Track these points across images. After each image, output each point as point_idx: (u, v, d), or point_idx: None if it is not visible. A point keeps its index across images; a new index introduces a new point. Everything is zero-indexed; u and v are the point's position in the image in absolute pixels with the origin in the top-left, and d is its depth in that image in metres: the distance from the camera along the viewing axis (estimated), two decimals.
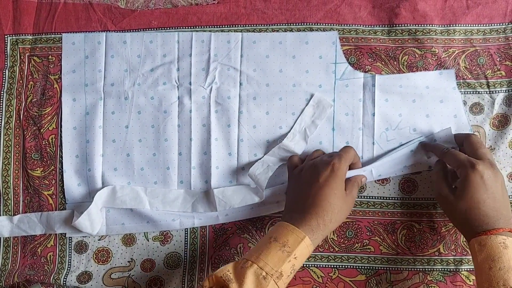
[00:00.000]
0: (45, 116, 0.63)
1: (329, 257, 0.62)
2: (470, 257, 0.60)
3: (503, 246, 0.48)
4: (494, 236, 0.49)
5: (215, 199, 0.60)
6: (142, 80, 0.63)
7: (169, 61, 0.63)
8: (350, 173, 0.57)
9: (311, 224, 0.51)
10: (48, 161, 0.63)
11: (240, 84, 0.63)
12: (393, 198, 0.62)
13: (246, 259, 0.48)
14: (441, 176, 0.56)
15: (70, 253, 0.62)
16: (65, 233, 0.62)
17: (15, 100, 0.63)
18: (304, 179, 0.55)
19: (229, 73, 0.63)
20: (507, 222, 0.51)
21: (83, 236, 0.62)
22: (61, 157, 0.62)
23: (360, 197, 0.62)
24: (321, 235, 0.51)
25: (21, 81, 0.63)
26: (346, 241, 0.62)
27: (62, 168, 0.62)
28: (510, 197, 0.60)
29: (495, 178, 0.52)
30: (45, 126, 0.63)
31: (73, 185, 0.62)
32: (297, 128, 0.62)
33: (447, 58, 0.62)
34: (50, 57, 0.63)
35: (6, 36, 0.64)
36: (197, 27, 0.63)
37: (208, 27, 0.63)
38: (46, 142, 0.63)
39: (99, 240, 0.62)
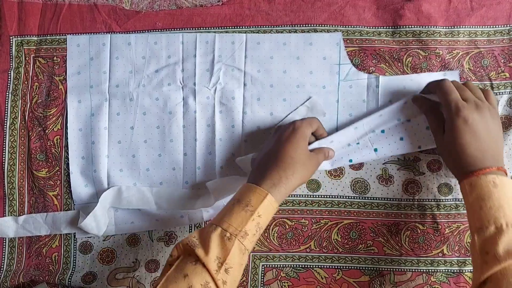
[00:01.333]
0: (50, 117, 0.63)
1: (333, 258, 0.62)
2: None
3: (493, 185, 0.49)
4: (484, 176, 0.50)
5: (210, 191, 0.60)
6: (147, 81, 0.63)
7: (174, 62, 0.63)
8: (320, 143, 0.58)
9: (272, 179, 0.51)
10: (53, 162, 0.63)
11: (244, 84, 0.63)
12: (397, 200, 0.62)
13: (211, 223, 0.49)
14: (432, 115, 0.57)
15: (74, 254, 0.62)
16: (70, 234, 0.63)
17: (20, 101, 0.63)
18: (267, 144, 0.56)
19: (233, 74, 0.63)
20: (495, 161, 0.51)
21: (88, 237, 0.63)
22: (66, 158, 0.63)
23: (364, 198, 0.62)
24: (284, 190, 0.51)
25: (26, 82, 0.63)
26: (350, 242, 0.62)
27: (68, 169, 0.62)
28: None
29: (481, 120, 0.52)
30: (50, 127, 0.63)
31: (80, 186, 0.62)
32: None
33: (451, 60, 0.62)
34: (55, 58, 0.64)
35: (11, 37, 0.64)
36: (201, 28, 0.63)
37: (212, 28, 0.63)
38: (51, 143, 0.63)
39: (103, 240, 0.63)
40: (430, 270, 0.61)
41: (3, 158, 0.63)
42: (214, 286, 0.46)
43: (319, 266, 0.62)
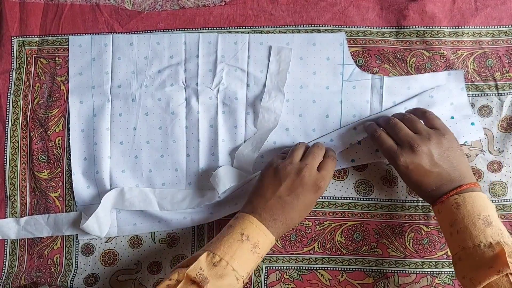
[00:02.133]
0: (52, 118, 0.63)
1: (337, 260, 0.61)
2: None
3: (455, 207, 0.49)
4: (447, 200, 0.50)
5: (214, 185, 0.59)
6: (149, 81, 0.63)
7: (176, 62, 0.63)
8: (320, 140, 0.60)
9: (278, 231, 0.52)
10: (55, 163, 0.62)
11: (247, 85, 0.62)
12: (401, 201, 0.61)
13: (219, 257, 0.48)
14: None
15: (77, 255, 0.62)
16: (72, 235, 0.62)
17: (21, 102, 0.63)
18: (285, 184, 0.53)
19: (236, 74, 0.62)
20: (455, 182, 0.51)
21: (90, 238, 0.62)
22: (68, 159, 0.62)
23: (367, 199, 0.62)
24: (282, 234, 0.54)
25: (27, 83, 0.63)
26: (354, 244, 0.61)
27: (70, 170, 0.62)
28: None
29: (420, 159, 0.51)
30: (52, 128, 0.63)
31: (82, 188, 0.62)
32: (270, 85, 0.61)
33: (455, 60, 0.61)
34: (56, 58, 0.63)
35: (12, 38, 0.63)
36: (204, 28, 0.63)
37: (215, 28, 0.63)
38: (53, 144, 0.62)
39: (105, 242, 0.62)
40: (434, 272, 0.61)
41: (5, 159, 0.62)
42: None
43: (323, 268, 0.62)
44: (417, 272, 0.61)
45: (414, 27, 0.61)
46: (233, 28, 0.63)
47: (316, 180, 0.54)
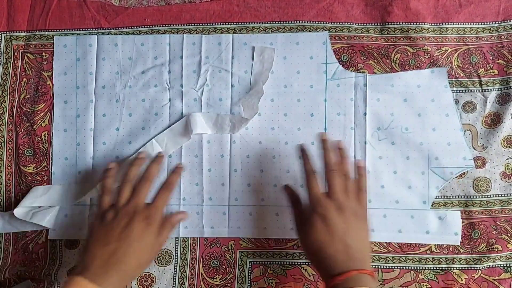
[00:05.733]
0: (38, 112, 0.63)
1: None
2: (462, 255, 0.60)
3: None
4: (349, 279, 0.46)
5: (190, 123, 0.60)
6: (133, 82, 0.63)
7: (160, 63, 0.63)
8: None
9: (117, 283, 0.48)
10: (41, 158, 0.63)
11: (232, 85, 0.62)
12: None
13: None
14: (297, 209, 0.55)
15: (61, 249, 0.62)
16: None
17: (8, 96, 0.63)
18: (114, 232, 0.50)
19: (220, 75, 0.62)
20: (358, 264, 0.47)
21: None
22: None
23: None
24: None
25: (14, 78, 0.63)
26: None
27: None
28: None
29: (341, 220, 0.49)
30: (38, 123, 0.63)
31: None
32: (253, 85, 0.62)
33: (439, 57, 0.61)
34: (43, 54, 0.64)
35: (0, 33, 0.64)
36: (190, 24, 0.63)
37: (201, 24, 0.63)
38: (39, 138, 0.63)
39: None
40: (418, 268, 0.61)
41: None
42: None
43: (307, 263, 0.62)
44: (401, 267, 0.61)
45: (398, 23, 0.62)
46: (219, 24, 0.63)
47: (146, 217, 0.51)
